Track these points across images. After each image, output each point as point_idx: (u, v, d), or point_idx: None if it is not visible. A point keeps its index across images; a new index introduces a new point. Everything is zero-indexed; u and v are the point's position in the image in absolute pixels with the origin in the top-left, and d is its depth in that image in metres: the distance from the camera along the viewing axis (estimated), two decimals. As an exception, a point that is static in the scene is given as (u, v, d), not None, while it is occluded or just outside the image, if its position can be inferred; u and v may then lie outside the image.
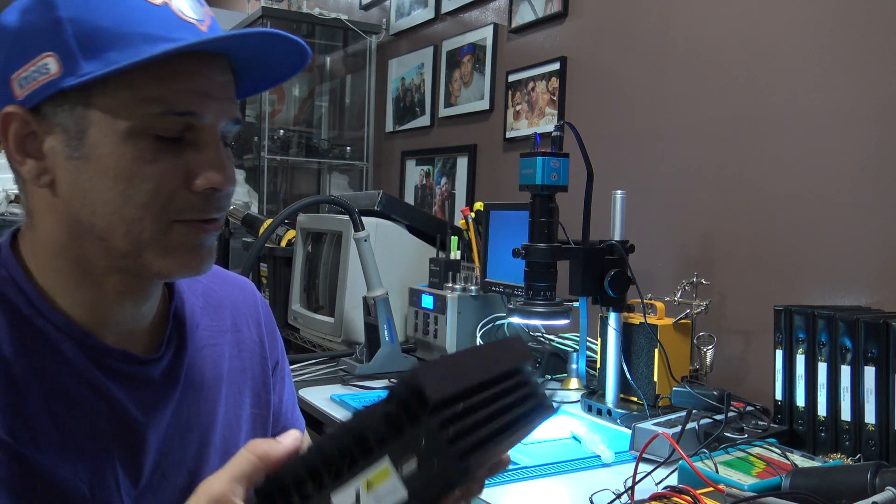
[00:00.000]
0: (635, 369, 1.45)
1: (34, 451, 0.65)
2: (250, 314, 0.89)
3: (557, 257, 1.45)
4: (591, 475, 1.13)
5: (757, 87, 1.60)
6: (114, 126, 0.63)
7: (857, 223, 1.41)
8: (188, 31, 0.65)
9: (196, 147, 0.66)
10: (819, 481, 0.92)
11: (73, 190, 0.65)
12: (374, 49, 3.15)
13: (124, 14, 0.62)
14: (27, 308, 0.68)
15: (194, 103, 0.65)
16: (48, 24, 0.62)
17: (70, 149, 0.64)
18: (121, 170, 0.64)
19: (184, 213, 0.66)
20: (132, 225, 0.65)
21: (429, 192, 2.78)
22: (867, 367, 1.16)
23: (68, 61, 0.62)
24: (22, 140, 0.65)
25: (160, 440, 0.74)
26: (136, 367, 0.72)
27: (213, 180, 0.66)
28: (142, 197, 0.64)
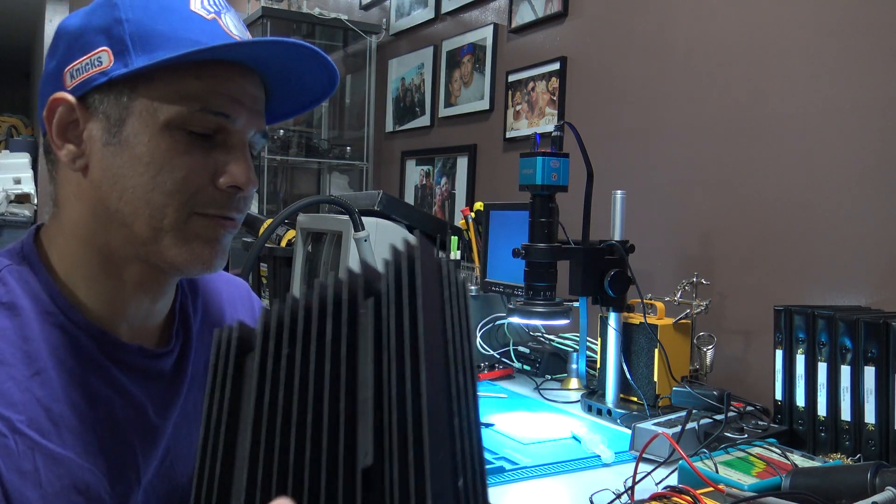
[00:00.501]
0: (635, 369, 1.45)
1: (57, 443, 0.66)
2: (245, 308, 0.93)
3: (557, 257, 1.45)
4: (591, 475, 1.13)
5: (757, 87, 1.60)
6: (153, 117, 0.67)
7: (857, 223, 1.41)
8: None
9: (225, 148, 0.71)
10: (819, 481, 0.92)
11: (105, 175, 0.69)
12: (374, 49, 3.15)
13: (178, 22, 0.68)
14: (50, 305, 0.70)
15: (229, 107, 0.69)
16: (108, 22, 0.68)
17: (109, 135, 0.68)
18: (154, 157, 0.68)
19: (206, 208, 0.70)
20: (155, 210, 0.68)
21: (429, 192, 2.78)
22: (867, 367, 1.16)
23: (121, 55, 0.67)
24: (65, 126, 0.70)
25: (170, 431, 0.77)
26: (149, 361, 0.75)
27: (237, 179, 0.70)
28: (169, 185, 0.68)
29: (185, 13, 0.69)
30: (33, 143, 5.19)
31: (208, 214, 0.71)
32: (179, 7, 0.69)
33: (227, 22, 0.71)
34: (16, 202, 4.52)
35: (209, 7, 0.71)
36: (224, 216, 0.72)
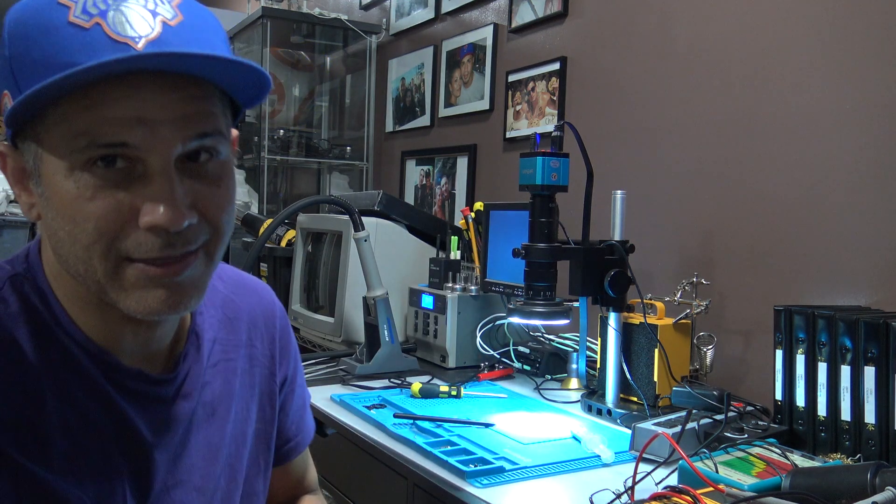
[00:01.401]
0: (635, 369, 1.45)
1: (43, 467, 0.64)
2: (266, 328, 0.89)
3: (557, 257, 1.45)
4: (591, 475, 1.13)
5: (757, 87, 1.60)
6: (58, 163, 0.60)
7: (858, 223, 1.41)
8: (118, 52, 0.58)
9: (143, 179, 0.61)
10: (819, 481, 0.92)
11: (45, 227, 0.64)
12: (374, 49, 3.15)
13: (53, 43, 0.59)
14: (50, 319, 0.67)
15: (123, 132, 0.59)
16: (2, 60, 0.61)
17: (36, 187, 0.63)
18: (65, 208, 0.61)
19: (132, 253, 0.61)
20: (85, 264, 0.62)
21: (429, 192, 2.78)
22: (867, 367, 1.16)
23: (13, 96, 0.60)
24: (18, 174, 0.66)
25: (169, 458, 0.74)
26: (149, 387, 0.72)
27: (156, 218, 0.60)
28: (85, 237, 0.61)
29: (62, 29, 0.59)
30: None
31: (136, 260, 0.62)
32: (56, 22, 0.59)
33: (116, 21, 0.59)
34: (16, 202, 4.52)
35: (92, 9, 0.59)
36: (158, 259, 0.62)
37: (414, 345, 1.94)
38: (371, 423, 1.36)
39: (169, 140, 0.61)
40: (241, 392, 0.83)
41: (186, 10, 0.63)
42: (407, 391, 1.55)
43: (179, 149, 0.61)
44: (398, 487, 1.26)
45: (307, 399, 0.99)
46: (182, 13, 0.62)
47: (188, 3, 0.64)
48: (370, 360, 1.73)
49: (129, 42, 0.59)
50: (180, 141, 0.61)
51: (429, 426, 1.31)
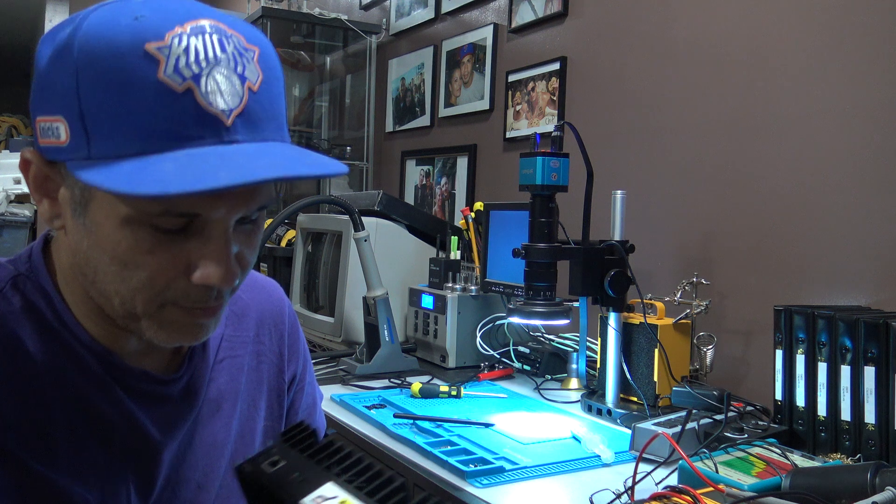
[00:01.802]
0: (635, 369, 1.45)
1: (48, 464, 0.64)
2: (275, 325, 0.89)
3: (557, 257, 1.45)
4: (591, 475, 1.13)
5: (757, 87, 1.60)
6: (114, 209, 0.60)
7: (858, 223, 1.41)
8: (209, 129, 0.58)
9: (201, 237, 0.61)
10: (819, 481, 0.92)
11: (78, 248, 0.64)
12: (374, 49, 3.15)
13: (137, 100, 0.56)
14: (54, 319, 0.67)
15: (199, 206, 0.59)
16: (64, 87, 0.58)
17: (75, 213, 0.62)
18: (116, 254, 0.61)
19: (179, 300, 0.63)
20: (125, 300, 0.63)
21: (429, 192, 2.78)
22: (867, 367, 1.16)
23: (76, 136, 0.58)
24: (41, 181, 0.64)
25: (173, 457, 0.74)
26: (154, 387, 0.72)
27: (210, 278, 0.61)
28: (135, 282, 0.62)
29: (150, 85, 0.56)
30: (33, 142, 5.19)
31: (183, 307, 0.64)
32: (144, 76, 0.56)
33: (208, 89, 0.57)
34: (16, 202, 4.52)
35: (185, 71, 0.57)
36: (200, 307, 0.64)
37: (414, 345, 1.94)
38: (371, 423, 1.36)
39: (236, 212, 0.62)
40: (247, 388, 0.83)
41: (264, 65, 0.63)
42: (407, 391, 1.54)
43: (239, 216, 0.63)
44: (398, 487, 1.26)
45: (318, 398, 0.98)
46: (262, 70, 0.62)
47: (264, 55, 0.63)
48: (370, 360, 1.73)
49: (220, 116, 0.58)
50: (243, 212, 0.63)
51: (429, 426, 1.31)
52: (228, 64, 0.59)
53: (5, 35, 6.48)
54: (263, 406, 0.85)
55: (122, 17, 0.58)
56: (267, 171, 0.57)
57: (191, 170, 0.55)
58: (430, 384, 1.54)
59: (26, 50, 6.72)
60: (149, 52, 0.57)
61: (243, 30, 0.62)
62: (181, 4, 0.61)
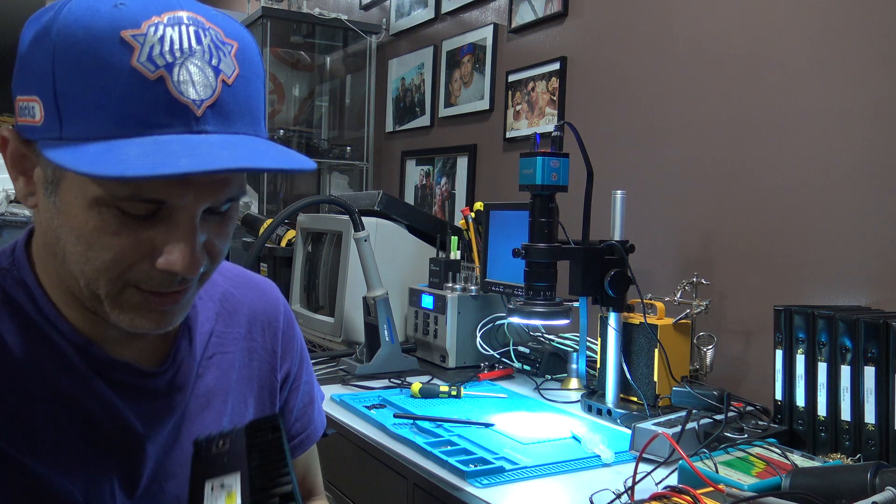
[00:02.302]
0: (635, 369, 1.45)
1: (31, 457, 0.65)
2: (268, 323, 0.88)
3: (557, 257, 1.45)
4: (591, 475, 1.13)
5: (757, 87, 1.60)
6: (83, 190, 0.60)
7: (858, 223, 1.41)
8: (179, 118, 0.58)
9: (167, 223, 0.62)
10: (819, 481, 0.92)
11: (49, 227, 0.64)
12: (374, 49, 3.15)
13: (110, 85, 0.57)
14: (36, 314, 0.67)
15: (166, 192, 0.60)
16: (41, 68, 0.59)
17: (46, 191, 0.63)
18: (82, 234, 0.61)
19: (140, 283, 0.63)
20: (90, 281, 0.63)
21: (429, 192, 2.78)
22: (867, 367, 1.16)
23: (49, 117, 0.59)
24: (17, 159, 0.65)
25: (159, 451, 0.74)
26: (138, 379, 0.72)
27: (174, 265, 0.62)
28: (98, 263, 0.62)
29: (123, 71, 0.57)
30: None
31: (143, 290, 0.64)
32: (118, 61, 0.57)
33: (180, 79, 0.58)
34: (16, 202, 4.52)
35: (159, 59, 0.58)
36: (162, 292, 0.65)
37: (414, 345, 1.94)
38: (371, 423, 1.36)
39: (204, 201, 0.62)
40: (237, 385, 0.83)
41: (242, 60, 0.63)
42: (407, 391, 1.55)
43: (206, 205, 0.63)
44: (398, 487, 1.26)
45: (317, 397, 0.98)
46: (238, 65, 0.63)
47: (243, 50, 0.64)
48: (370, 360, 1.73)
49: (191, 106, 0.59)
50: (212, 202, 0.63)
51: (429, 426, 1.31)
52: (203, 56, 0.60)
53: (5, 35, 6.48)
54: (253, 403, 0.85)
55: (102, 4, 0.59)
56: (228, 161, 0.58)
57: (154, 156, 0.56)
58: (430, 384, 1.54)
59: (26, 50, 6.71)
60: (124, 38, 0.57)
61: (224, 24, 0.63)
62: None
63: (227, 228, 0.68)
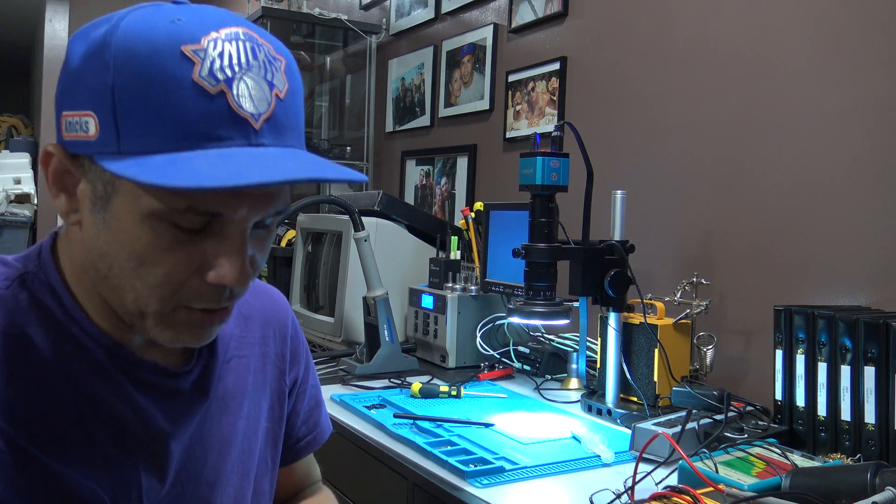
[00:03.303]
0: (635, 369, 1.45)
1: (58, 459, 0.65)
2: (279, 328, 0.90)
3: (557, 257, 1.45)
4: (591, 475, 1.13)
5: (757, 88, 1.60)
6: (137, 204, 0.60)
7: (858, 223, 1.41)
8: (239, 131, 0.60)
9: (219, 237, 0.63)
10: (819, 481, 0.92)
11: (94, 243, 0.64)
12: (374, 49, 3.15)
13: (172, 99, 0.58)
14: (62, 315, 0.68)
15: (222, 205, 0.61)
16: (98, 83, 0.59)
17: (95, 206, 0.63)
18: (135, 249, 0.62)
19: (192, 302, 0.64)
20: (139, 297, 0.64)
21: (429, 192, 2.78)
22: (867, 367, 1.16)
23: (106, 131, 0.59)
24: (60, 174, 0.65)
25: (183, 451, 0.74)
26: (164, 380, 0.72)
27: (225, 277, 0.63)
28: (151, 279, 0.63)
29: (185, 85, 0.58)
30: (33, 142, 5.19)
31: (195, 309, 0.65)
32: (179, 75, 0.58)
33: (239, 93, 0.59)
34: (16, 202, 4.52)
35: (219, 74, 0.59)
36: (213, 309, 0.66)
37: (414, 345, 1.94)
38: (371, 423, 1.36)
39: (255, 214, 0.63)
40: (253, 389, 0.84)
41: (289, 76, 0.65)
42: (407, 391, 1.55)
43: (257, 219, 0.64)
44: (398, 487, 1.26)
45: (322, 400, 0.99)
46: (288, 80, 0.64)
47: (290, 66, 0.65)
48: (370, 360, 1.73)
49: (250, 120, 0.60)
50: (262, 215, 0.64)
51: (429, 426, 1.31)
52: (259, 70, 0.61)
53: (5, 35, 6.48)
54: (266, 407, 0.86)
55: (159, 19, 0.60)
56: (297, 171, 0.59)
57: (224, 167, 0.57)
58: (430, 384, 1.54)
59: (26, 50, 6.71)
60: (185, 53, 0.58)
61: (271, 40, 0.65)
62: (215, 12, 0.63)
63: (267, 243, 0.69)
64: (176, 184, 0.55)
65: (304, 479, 1.01)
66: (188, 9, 0.62)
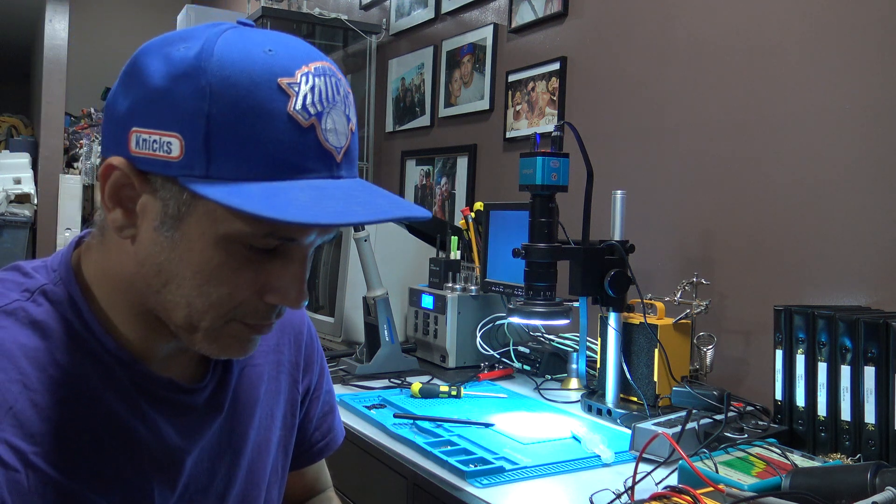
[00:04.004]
0: (635, 369, 1.45)
1: (72, 476, 0.64)
2: (295, 336, 0.89)
3: (557, 257, 1.45)
4: (591, 475, 1.13)
5: (757, 88, 1.60)
6: (213, 227, 0.61)
7: (858, 223, 1.41)
8: (324, 163, 0.62)
9: (284, 259, 0.65)
10: (819, 481, 0.92)
11: (150, 260, 0.64)
12: (374, 49, 3.15)
13: (267, 131, 0.59)
14: (83, 330, 0.67)
15: (299, 232, 0.63)
16: (190, 108, 0.59)
17: (162, 225, 0.63)
18: (203, 269, 0.63)
19: (246, 317, 0.66)
20: (194, 312, 0.65)
21: (429, 192, 2.78)
22: (867, 367, 1.16)
23: (193, 155, 0.59)
24: (118, 189, 0.64)
25: (195, 464, 0.74)
26: (180, 396, 0.72)
27: (287, 299, 0.65)
28: (214, 297, 0.64)
29: (280, 118, 0.60)
30: (33, 142, 5.19)
31: (247, 323, 0.67)
32: (275, 109, 0.60)
33: (327, 127, 0.62)
34: (16, 202, 4.52)
35: (311, 108, 0.61)
36: (263, 324, 0.68)
37: (414, 345, 1.94)
38: (371, 423, 1.36)
39: (320, 238, 0.67)
40: (265, 398, 0.83)
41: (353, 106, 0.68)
42: (407, 391, 1.55)
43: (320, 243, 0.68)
44: (398, 487, 1.26)
45: (335, 405, 0.99)
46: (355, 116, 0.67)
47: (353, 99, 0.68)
48: (370, 360, 1.73)
49: (333, 153, 0.63)
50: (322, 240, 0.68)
51: (429, 426, 1.31)
52: (341, 106, 0.64)
53: (5, 35, 6.48)
54: (280, 416, 0.86)
55: (253, 48, 0.61)
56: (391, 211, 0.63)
57: (322, 202, 0.60)
58: (430, 384, 1.54)
59: (26, 50, 6.71)
60: (281, 86, 0.61)
61: (342, 75, 0.67)
62: (300, 44, 0.65)
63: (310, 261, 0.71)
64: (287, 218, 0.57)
65: (313, 485, 1.01)
66: (274, 38, 0.64)
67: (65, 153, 4.98)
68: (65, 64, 4.85)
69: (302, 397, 0.90)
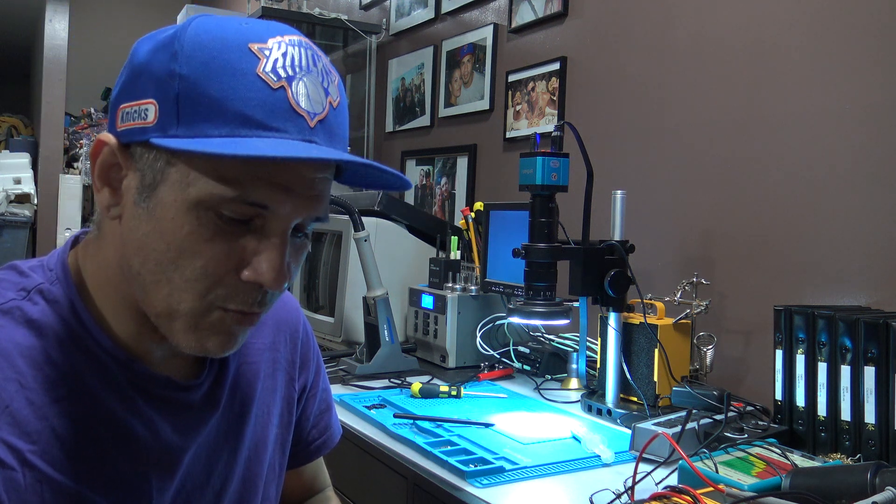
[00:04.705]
0: (635, 369, 1.45)
1: (69, 475, 0.64)
2: (290, 334, 0.89)
3: (557, 257, 1.45)
4: (591, 475, 1.13)
5: (757, 87, 1.60)
6: (184, 192, 0.62)
7: (858, 223, 1.41)
8: (295, 125, 0.62)
9: (260, 234, 0.64)
10: (819, 481, 0.92)
11: (131, 236, 0.65)
12: (374, 49, 3.15)
13: (235, 88, 0.61)
14: (79, 329, 0.67)
15: (270, 197, 0.62)
16: (163, 72, 0.61)
17: (139, 196, 0.64)
18: (175, 239, 0.62)
19: (227, 302, 0.64)
20: (174, 291, 0.64)
21: (429, 192, 2.78)
22: (867, 367, 1.16)
23: (164, 116, 0.61)
24: (107, 168, 0.65)
25: (190, 462, 0.74)
26: (176, 394, 0.72)
27: (262, 276, 0.63)
28: (188, 272, 0.63)
29: (249, 77, 0.61)
30: (33, 142, 5.19)
31: (228, 310, 0.65)
32: (245, 68, 0.61)
33: (298, 91, 0.62)
34: (16, 202, 4.52)
35: (282, 71, 0.62)
36: (245, 311, 0.66)
37: (414, 345, 1.94)
38: (371, 423, 1.36)
39: (299, 213, 0.65)
40: (262, 395, 0.83)
41: (341, 92, 0.68)
42: (407, 391, 1.55)
43: (298, 221, 0.66)
44: (398, 487, 1.26)
45: (332, 403, 0.99)
46: (339, 94, 0.68)
47: (341, 85, 0.69)
48: (370, 360, 1.73)
49: (306, 117, 0.63)
50: (305, 217, 0.66)
51: (429, 426, 1.31)
52: (317, 77, 0.65)
53: (5, 35, 6.48)
54: (276, 413, 0.86)
55: (229, 21, 0.65)
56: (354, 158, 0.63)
57: (282, 147, 0.60)
58: (430, 384, 1.54)
59: (26, 50, 6.71)
60: (251, 49, 0.62)
61: (327, 58, 0.68)
62: (282, 25, 0.67)
63: (302, 255, 0.70)
64: (235, 152, 0.58)
65: (312, 484, 1.01)
66: (257, 20, 0.66)
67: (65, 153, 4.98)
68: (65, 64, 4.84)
69: (298, 395, 0.90)
